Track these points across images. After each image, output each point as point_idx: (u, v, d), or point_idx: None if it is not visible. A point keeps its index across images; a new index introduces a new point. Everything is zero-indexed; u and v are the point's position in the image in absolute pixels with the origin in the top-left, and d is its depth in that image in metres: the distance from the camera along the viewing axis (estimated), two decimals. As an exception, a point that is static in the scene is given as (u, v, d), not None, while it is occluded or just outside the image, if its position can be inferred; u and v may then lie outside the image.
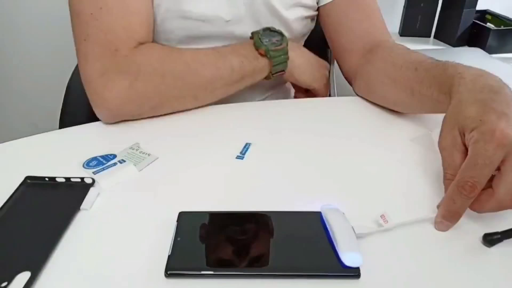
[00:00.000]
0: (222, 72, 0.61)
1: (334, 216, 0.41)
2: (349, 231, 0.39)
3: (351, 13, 0.70)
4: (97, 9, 0.57)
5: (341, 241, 0.38)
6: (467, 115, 0.42)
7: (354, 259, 0.37)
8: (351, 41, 0.70)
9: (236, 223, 0.42)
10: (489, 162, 0.38)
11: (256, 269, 0.37)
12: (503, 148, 0.38)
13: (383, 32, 0.70)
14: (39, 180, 0.48)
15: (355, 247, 0.37)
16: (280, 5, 0.69)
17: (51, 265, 0.38)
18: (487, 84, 0.44)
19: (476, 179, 0.38)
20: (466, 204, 0.40)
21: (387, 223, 0.41)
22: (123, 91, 0.57)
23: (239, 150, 0.55)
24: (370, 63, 0.66)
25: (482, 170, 0.38)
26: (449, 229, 0.41)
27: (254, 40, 0.64)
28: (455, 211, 0.40)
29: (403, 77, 0.58)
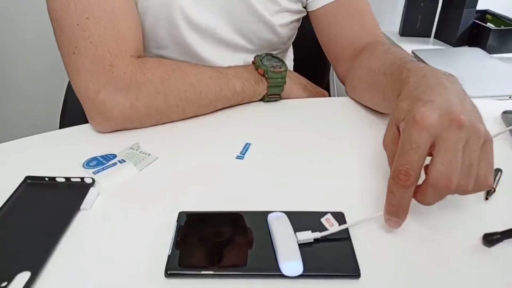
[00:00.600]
0: (225, 93, 0.62)
1: (276, 224, 0.41)
2: (290, 239, 0.39)
3: (340, 19, 0.70)
4: (83, 19, 0.54)
5: (280, 251, 0.38)
6: (400, 109, 0.43)
7: (293, 268, 0.36)
8: (342, 48, 0.71)
9: (236, 223, 0.42)
10: (415, 146, 0.38)
11: (257, 269, 0.37)
12: (426, 130, 0.38)
13: (373, 32, 0.70)
14: (39, 180, 0.48)
15: (294, 256, 0.37)
16: (266, 11, 0.69)
17: (51, 265, 0.38)
18: (426, 82, 0.45)
19: (407, 165, 0.38)
20: (406, 195, 0.39)
21: (332, 226, 0.40)
22: (124, 110, 0.56)
23: (239, 150, 0.55)
24: (353, 68, 0.68)
25: (411, 155, 0.38)
26: (400, 226, 0.40)
27: (255, 61, 0.67)
28: (397, 204, 0.39)
29: (375, 82, 0.60)
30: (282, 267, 0.37)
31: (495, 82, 1.16)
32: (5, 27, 1.48)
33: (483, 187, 0.39)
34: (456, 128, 0.37)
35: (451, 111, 0.39)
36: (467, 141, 0.38)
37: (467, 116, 0.38)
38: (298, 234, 0.39)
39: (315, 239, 0.39)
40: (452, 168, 0.37)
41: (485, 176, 0.39)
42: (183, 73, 0.60)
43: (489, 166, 0.39)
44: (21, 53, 1.52)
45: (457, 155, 0.37)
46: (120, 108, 0.56)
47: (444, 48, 1.45)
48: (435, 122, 0.38)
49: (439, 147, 0.38)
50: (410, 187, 0.38)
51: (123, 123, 0.58)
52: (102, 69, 0.55)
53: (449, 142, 0.37)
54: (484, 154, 0.39)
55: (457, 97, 0.42)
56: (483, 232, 0.40)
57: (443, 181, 0.37)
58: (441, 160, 0.37)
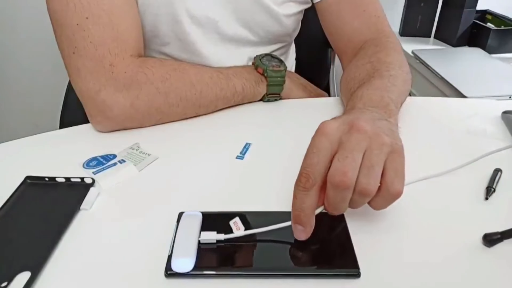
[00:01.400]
0: (226, 93, 0.62)
1: (186, 222, 0.41)
2: (190, 238, 0.39)
3: (342, 13, 0.70)
4: (83, 19, 0.54)
5: (176, 247, 0.38)
6: None
7: (182, 265, 0.37)
8: (343, 42, 0.71)
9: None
10: (316, 150, 0.38)
11: (257, 269, 0.37)
12: (326, 136, 0.38)
13: (375, 28, 0.69)
14: (39, 180, 0.48)
15: (186, 254, 0.38)
16: (271, 1, 0.69)
17: (51, 265, 0.38)
18: (354, 109, 0.48)
19: (308, 168, 0.38)
20: (307, 199, 0.37)
21: (238, 230, 0.40)
22: (125, 110, 0.56)
23: (239, 150, 0.55)
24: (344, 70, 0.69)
25: (311, 158, 0.38)
26: (307, 236, 0.38)
27: (255, 61, 0.67)
28: (298, 208, 0.38)
29: (344, 93, 0.63)
30: (173, 263, 0.37)
31: (495, 82, 1.16)
32: (5, 27, 1.48)
33: (392, 194, 0.38)
34: (355, 132, 0.37)
35: (352, 120, 0.39)
36: (369, 145, 0.37)
37: (371, 126, 0.38)
38: (202, 233, 0.40)
39: (218, 240, 0.39)
40: (347, 163, 0.36)
41: (392, 182, 0.37)
42: (184, 72, 0.60)
43: (398, 175, 0.38)
44: (21, 53, 1.52)
45: (353, 153, 0.37)
46: (120, 107, 0.56)
47: (444, 48, 1.45)
48: (335, 128, 0.38)
49: (338, 149, 0.38)
50: (309, 189, 0.37)
51: (124, 122, 0.58)
52: (102, 69, 0.55)
53: (347, 143, 0.37)
54: (392, 163, 0.38)
55: (371, 119, 0.42)
56: (483, 232, 0.40)
57: (338, 175, 0.36)
58: (337, 158, 0.37)
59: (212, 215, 0.42)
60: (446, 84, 1.17)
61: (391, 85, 0.55)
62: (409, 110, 0.62)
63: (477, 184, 0.49)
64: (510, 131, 0.59)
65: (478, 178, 0.49)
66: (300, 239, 0.38)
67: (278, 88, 0.67)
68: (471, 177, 0.49)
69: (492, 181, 0.48)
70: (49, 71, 1.51)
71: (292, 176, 0.38)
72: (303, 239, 0.38)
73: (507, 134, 0.59)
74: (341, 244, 0.40)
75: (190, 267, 0.37)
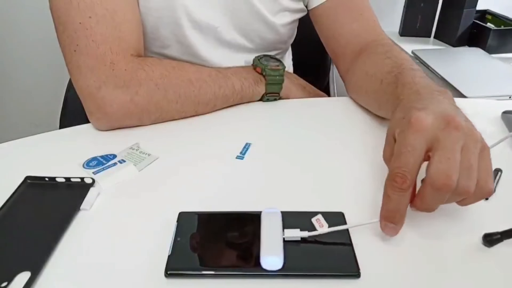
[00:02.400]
0: (224, 92, 0.62)
1: (268, 219, 0.41)
2: (276, 236, 0.39)
3: (339, 17, 0.70)
4: (86, 18, 0.55)
5: (263, 245, 0.38)
6: (395, 119, 0.43)
7: (272, 263, 0.37)
8: (341, 46, 0.71)
9: (236, 223, 0.42)
10: (411, 149, 0.37)
11: (257, 269, 0.37)
12: (421, 133, 0.38)
13: (373, 31, 0.70)
14: (39, 180, 0.48)
15: (275, 252, 0.37)
16: (267, 11, 0.69)
17: (51, 265, 0.38)
18: (419, 96, 0.45)
19: (404, 168, 0.37)
20: (403, 199, 0.38)
21: (322, 227, 0.40)
22: (124, 105, 0.57)
23: (239, 150, 0.55)
24: (351, 70, 0.68)
25: (406, 158, 0.37)
26: (397, 233, 0.39)
27: (253, 61, 0.68)
28: (393, 209, 0.38)
29: (371, 89, 0.60)
30: (262, 261, 0.37)
31: (495, 82, 1.16)
32: (5, 27, 1.48)
33: (484, 194, 0.39)
34: (453, 129, 0.37)
35: (446, 114, 0.38)
36: (465, 143, 0.37)
37: (464, 121, 0.38)
38: (286, 231, 0.39)
39: (303, 238, 0.39)
40: (450, 165, 0.36)
41: (486, 182, 0.38)
42: (183, 70, 0.61)
43: (488, 173, 0.38)
44: (21, 53, 1.52)
45: (455, 154, 0.36)
46: (120, 102, 0.56)
47: (444, 48, 1.45)
48: (430, 124, 0.38)
49: (436, 148, 0.37)
50: (406, 190, 0.37)
51: (123, 118, 0.58)
52: (103, 66, 0.56)
53: (446, 142, 0.37)
54: (483, 161, 0.38)
55: (450, 106, 0.42)
56: (483, 232, 0.40)
57: (442, 178, 0.36)
58: (439, 159, 0.37)
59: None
60: (446, 84, 1.17)
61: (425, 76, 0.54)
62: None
63: (477, 184, 0.48)
64: (510, 131, 0.59)
65: (478, 178, 0.49)
66: (390, 236, 0.40)
67: (277, 87, 0.66)
68: (471, 177, 0.49)
69: (492, 181, 0.48)
70: (49, 71, 1.51)
71: (292, 176, 0.38)
72: (393, 236, 0.40)
73: (507, 134, 0.59)
74: (341, 244, 0.40)
75: (279, 265, 0.37)
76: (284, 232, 0.39)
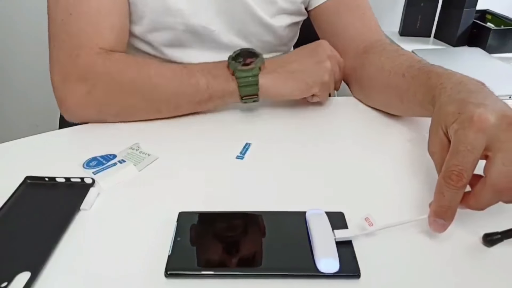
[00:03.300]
0: (186, 89, 0.58)
1: (315, 221, 0.41)
2: (328, 237, 0.39)
3: (341, 16, 0.69)
4: (67, 14, 0.57)
5: (318, 247, 0.38)
6: (447, 112, 0.42)
7: (329, 265, 0.37)
8: (344, 45, 0.70)
9: (236, 223, 0.42)
10: (471, 148, 0.37)
11: (257, 269, 0.37)
12: (484, 132, 0.37)
13: (376, 32, 0.69)
14: (39, 180, 0.48)
15: (331, 253, 0.37)
16: (264, 13, 0.69)
17: (51, 265, 0.38)
18: (466, 87, 0.44)
19: (460, 166, 0.37)
20: (456, 197, 0.38)
21: (372, 226, 0.40)
22: (82, 97, 0.58)
23: (239, 150, 0.55)
24: (362, 67, 0.66)
25: (465, 157, 0.37)
26: (445, 229, 0.40)
27: (227, 61, 0.60)
28: (446, 205, 0.38)
29: (392, 84, 0.58)
30: (319, 264, 0.37)
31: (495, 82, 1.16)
32: (5, 27, 1.48)
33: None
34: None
35: (508, 115, 0.38)
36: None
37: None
38: (336, 232, 0.39)
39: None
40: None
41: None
42: (144, 66, 0.59)
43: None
44: (21, 53, 1.52)
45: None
46: (78, 95, 0.58)
47: (444, 48, 1.45)
48: (493, 124, 0.37)
49: (498, 149, 0.37)
50: (461, 189, 0.38)
51: (81, 111, 0.59)
52: (68, 59, 0.57)
53: (508, 144, 0.37)
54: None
55: (502, 103, 0.41)
56: (483, 232, 0.40)
57: (505, 181, 0.36)
58: (502, 161, 0.36)
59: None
60: (446, 84, 1.17)
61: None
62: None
63: (477, 184, 0.48)
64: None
65: (478, 178, 0.49)
66: (437, 232, 0.40)
67: (252, 89, 0.58)
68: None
69: (492, 181, 0.48)
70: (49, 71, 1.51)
71: (292, 176, 0.38)
72: (441, 232, 0.40)
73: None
74: (341, 244, 0.40)
75: (336, 268, 0.36)
76: (334, 233, 0.39)
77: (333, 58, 0.62)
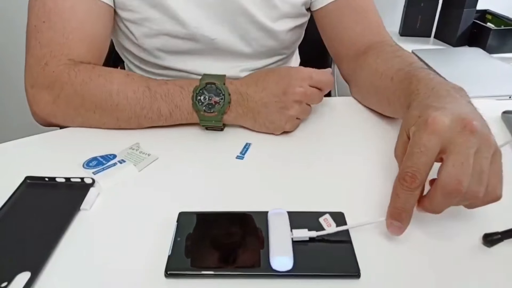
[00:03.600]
0: (147, 113, 0.57)
1: (275, 220, 0.41)
2: (284, 236, 0.39)
3: (344, 18, 0.69)
4: (40, 22, 0.59)
5: (273, 245, 0.38)
6: (411, 116, 0.42)
7: (282, 263, 0.37)
8: (345, 47, 0.70)
9: (236, 223, 0.42)
10: (424, 149, 0.37)
11: (257, 269, 0.37)
12: (437, 134, 0.37)
13: (377, 33, 0.69)
14: (39, 180, 0.48)
15: (285, 252, 0.37)
16: (266, 18, 0.69)
17: (51, 265, 0.38)
18: (437, 93, 0.45)
19: (414, 168, 0.37)
20: (411, 198, 0.38)
21: (330, 227, 0.40)
22: (47, 105, 0.59)
23: (239, 150, 0.55)
24: (359, 68, 0.66)
25: (419, 158, 0.37)
26: (401, 232, 0.39)
27: (192, 94, 0.56)
28: (401, 207, 0.38)
29: (382, 86, 0.58)
30: (272, 261, 0.37)
31: (495, 82, 1.16)
32: (5, 27, 1.48)
33: (492, 199, 0.39)
34: (468, 134, 0.37)
35: (463, 117, 0.38)
36: (478, 148, 0.37)
37: (480, 124, 0.38)
38: (294, 231, 0.39)
39: (311, 238, 0.39)
40: (463, 170, 0.36)
41: (494, 187, 0.38)
42: (107, 80, 0.57)
43: (498, 179, 0.38)
44: (21, 53, 1.52)
45: (468, 159, 0.36)
46: (44, 102, 0.59)
47: (444, 48, 1.45)
48: (447, 127, 0.38)
49: (450, 151, 0.37)
50: (415, 190, 0.38)
51: (48, 118, 0.60)
52: (38, 67, 0.58)
53: (461, 146, 0.37)
54: (495, 166, 0.38)
55: (467, 107, 0.42)
56: (483, 232, 0.40)
57: (454, 183, 0.36)
58: (452, 163, 0.36)
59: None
60: (446, 84, 1.17)
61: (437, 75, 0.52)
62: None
63: (477, 184, 0.48)
64: (510, 131, 0.59)
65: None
66: (395, 235, 0.40)
67: (216, 125, 0.58)
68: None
69: (492, 181, 0.48)
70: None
71: (292, 176, 0.38)
72: (398, 235, 0.40)
73: (507, 134, 0.59)
74: (341, 244, 0.40)
75: (289, 266, 0.37)
76: (292, 232, 0.39)
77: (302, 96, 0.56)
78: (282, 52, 0.78)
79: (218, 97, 0.56)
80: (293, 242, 0.39)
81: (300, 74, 0.56)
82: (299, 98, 0.55)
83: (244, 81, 0.58)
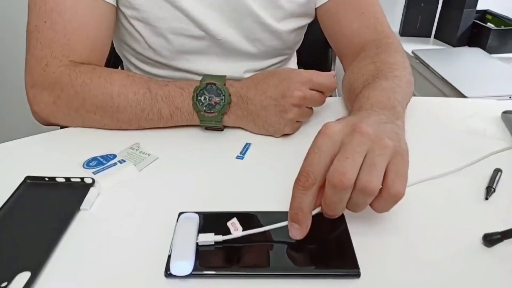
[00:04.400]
0: (147, 115, 0.57)
1: (183, 224, 0.41)
2: (188, 240, 0.39)
3: (341, 16, 0.69)
4: (42, 22, 0.58)
5: (174, 250, 0.38)
6: None
7: (181, 268, 0.36)
8: (343, 45, 0.71)
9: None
10: (317, 150, 0.38)
11: (257, 269, 0.37)
12: (328, 136, 0.38)
13: (374, 31, 0.69)
14: (39, 180, 0.48)
15: (185, 257, 0.37)
16: (271, 19, 0.69)
17: (51, 265, 0.38)
18: (358, 112, 0.46)
19: (307, 168, 0.38)
20: (305, 198, 0.37)
21: (237, 230, 0.40)
22: (48, 106, 0.59)
23: (239, 150, 0.55)
24: (347, 71, 0.67)
25: (312, 158, 0.38)
26: (302, 235, 0.38)
27: (192, 94, 0.57)
28: (297, 207, 0.38)
29: (347, 95, 0.62)
30: (172, 266, 0.37)
31: (495, 82, 1.16)
32: (5, 27, 1.48)
33: (393, 195, 0.38)
34: (358, 135, 0.37)
35: (355, 123, 0.39)
36: (371, 148, 0.37)
37: (373, 129, 0.38)
38: (200, 235, 0.39)
39: (216, 242, 0.39)
40: (347, 163, 0.36)
41: (393, 183, 0.37)
42: (108, 82, 0.57)
43: (399, 176, 0.37)
44: (21, 53, 1.52)
45: (354, 154, 0.37)
46: (45, 103, 0.59)
47: (444, 48, 1.45)
48: (338, 130, 0.38)
49: (340, 150, 0.38)
50: (308, 189, 0.37)
51: (48, 118, 0.60)
52: (38, 67, 0.58)
53: (348, 145, 0.37)
54: (394, 165, 0.38)
55: (376, 122, 0.42)
56: (483, 232, 0.40)
57: (337, 175, 0.36)
58: (338, 159, 0.37)
59: (210, 216, 0.42)
60: (446, 84, 1.17)
61: (397, 86, 0.53)
62: (409, 110, 0.62)
63: (477, 184, 0.49)
64: (510, 131, 0.59)
65: (478, 178, 0.49)
66: (295, 238, 0.38)
67: (217, 125, 0.58)
68: (471, 177, 0.49)
69: (492, 181, 0.48)
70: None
71: (292, 176, 0.38)
72: (298, 238, 0.38)
73: (507, 134, 0.59)
74: (341, 244, 0.40)
75: (189, 270, 0.37)
76: (198, 236, 0.39)
77: (301, 100, 0.56)
78: (285, 53, 0.78)
79: (219, 97, 0.56)
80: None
81: (300, 77, 0.56)
82: (298, 101, 0.55)
83: (244, 83, 0.58)
